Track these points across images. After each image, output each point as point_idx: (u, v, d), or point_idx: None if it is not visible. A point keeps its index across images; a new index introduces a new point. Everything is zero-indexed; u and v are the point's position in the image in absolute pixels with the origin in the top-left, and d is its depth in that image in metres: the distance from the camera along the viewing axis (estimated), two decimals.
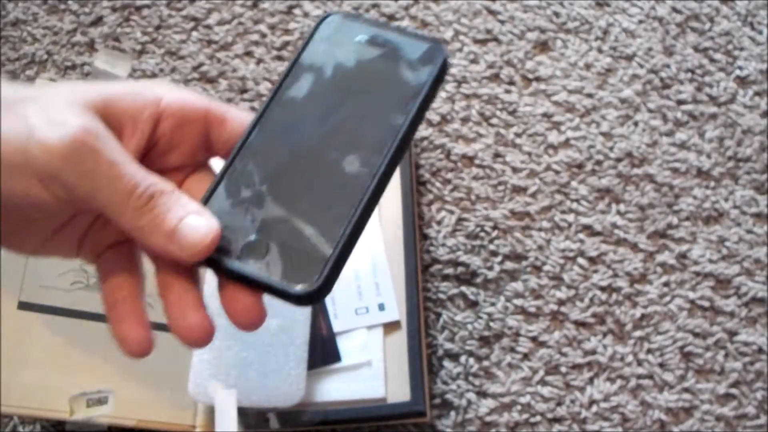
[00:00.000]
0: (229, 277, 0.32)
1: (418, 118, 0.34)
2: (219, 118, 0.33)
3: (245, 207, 0.33)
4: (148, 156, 0.32)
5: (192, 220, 0.31)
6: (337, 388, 0.43)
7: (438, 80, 0.35)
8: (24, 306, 0.40)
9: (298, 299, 0.31)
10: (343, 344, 0.45)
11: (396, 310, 0.45)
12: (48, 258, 0.32)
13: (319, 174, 0.34)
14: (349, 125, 0.35)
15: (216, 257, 0.32)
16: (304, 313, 0.44)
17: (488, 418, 0.44)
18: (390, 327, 0.45)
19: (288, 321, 0.44)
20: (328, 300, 0.45)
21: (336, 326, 0.45)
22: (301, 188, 0.34)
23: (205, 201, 0.33)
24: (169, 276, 0.32)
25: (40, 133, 0.28)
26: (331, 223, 0.33)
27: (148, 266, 0.34)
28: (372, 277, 0.46)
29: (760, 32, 0.54)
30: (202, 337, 0.30)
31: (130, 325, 0.32)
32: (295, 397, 0.41)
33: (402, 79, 0.36)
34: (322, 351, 0.44)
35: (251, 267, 0.32)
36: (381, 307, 0.45)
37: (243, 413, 0.42)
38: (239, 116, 0.34)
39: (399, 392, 0.43)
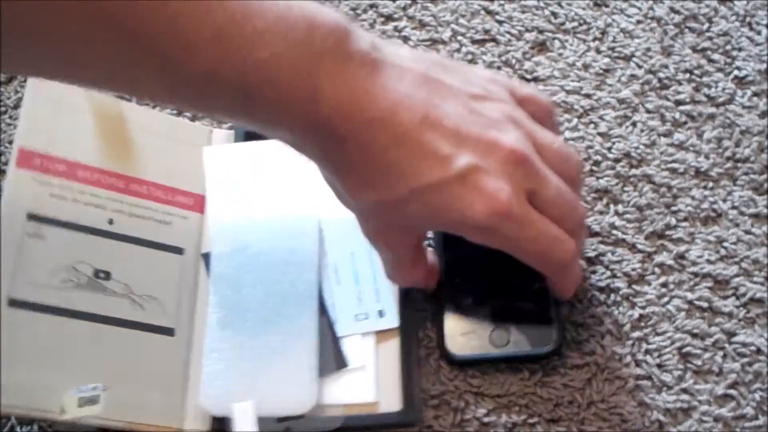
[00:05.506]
0: (492, 363, 0.43)
1: None
2: None
3: (472, 311, 0.44)
4: None
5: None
6: (330, 392, 0.43)
7: None
8: (13, 303, 0.40)
9: (549, 355, 0.43)
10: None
11: (395, 317, 0.45)
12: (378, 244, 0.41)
13: (508, 268, 0.42)
14: None
15: (475, 355, 0.43)
16: (311, 319, 0.44)
17: (486, 419, 0.43)
18: (384, 334, 0.45)
19: (296, 328, 0.44)
20: (329, 305, 0.46)
21: (337, 332, 0.45)
22: (500, 283, 0.44)
23: (441, 323, 0.44)
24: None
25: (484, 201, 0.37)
26: (537, 294, 0.43)
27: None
28: (372, 284, 0.46)
29: (759, 32, 0.54)
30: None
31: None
32: (309, 403, 0.41)
33: None
34: (331, 356, 0.44)
35: (507, 348, 0.43)
36: (381, 313, 0.45)
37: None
38: None
39: (391, 401, 0.43)
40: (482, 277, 0.45)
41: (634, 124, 0.52)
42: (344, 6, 0.57)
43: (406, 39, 0.55)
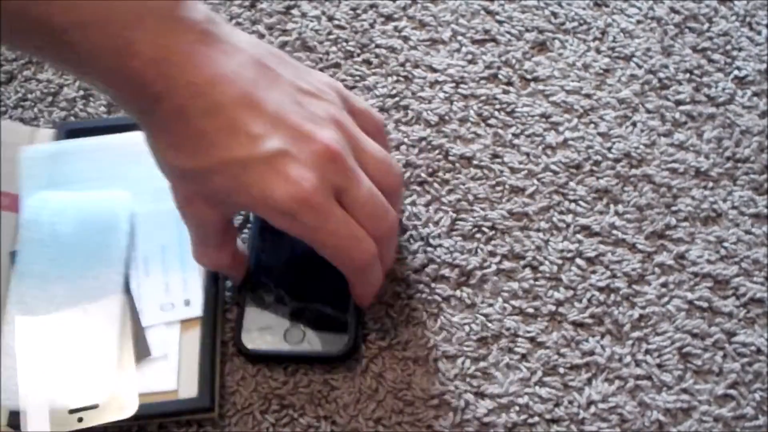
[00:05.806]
0: (282, 361, 0.44)
1: None
2: None
3: (273, 308, 0.45)
4: None
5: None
6: (131, 382, 0.43)
7: None
8: None
9: (339, 358, 0.43)
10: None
11: (200, 306, 0.45)
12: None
13: (315, 271, 0.44)
14: None
15: (266, 350, 0.43)
16: (114, 311, 0.45)
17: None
18: (189, 323, 0.45)
19: (98, 320, 0.44)
20: (135, 295, 0.46)
21: (142, 321, 0.45)
22: (305, 284, 0.45)
23: (241, 316, 0.44)
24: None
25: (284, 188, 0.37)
26: (339, 299, 0.44)
27: None
28: (181, 274, 0.46)
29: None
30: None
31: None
32: (104, 393, 0.42)
33: None
34: (133, 346, 0.44)
35: (299, 347, 0.43)
36: (186, 303, 0.45)
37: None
38: None
39: (190, 389, 0.43)
40: (289, 276, 0.46)
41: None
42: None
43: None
